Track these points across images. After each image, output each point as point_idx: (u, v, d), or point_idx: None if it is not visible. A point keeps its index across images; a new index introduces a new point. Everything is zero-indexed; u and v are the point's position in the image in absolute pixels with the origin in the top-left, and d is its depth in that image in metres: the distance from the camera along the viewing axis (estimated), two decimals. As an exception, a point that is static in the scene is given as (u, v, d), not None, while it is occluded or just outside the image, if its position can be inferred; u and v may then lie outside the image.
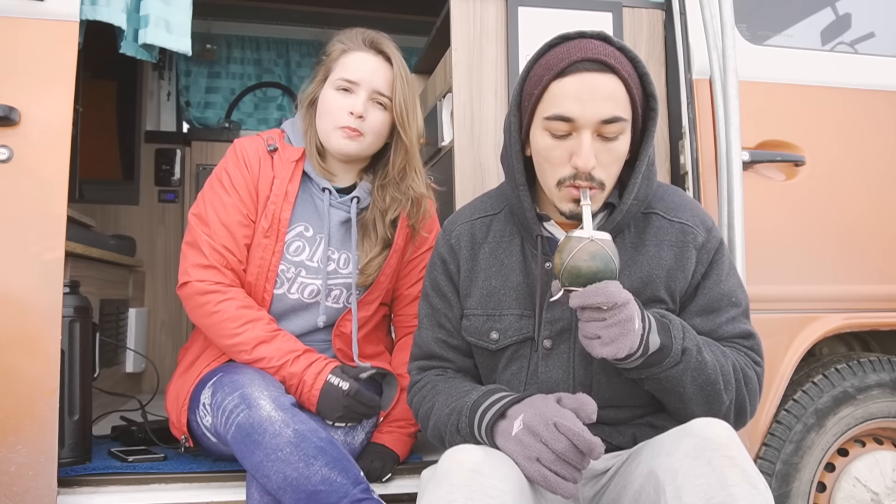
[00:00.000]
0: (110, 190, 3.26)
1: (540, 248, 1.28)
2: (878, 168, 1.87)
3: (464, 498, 0.99)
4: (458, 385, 1.31)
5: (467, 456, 1.06)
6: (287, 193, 1.55)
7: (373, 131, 1.55)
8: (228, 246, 1.52)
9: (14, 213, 1.42)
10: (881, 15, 2.12)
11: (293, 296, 1.58)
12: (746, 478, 0.98)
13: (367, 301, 1.64)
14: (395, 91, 1.55)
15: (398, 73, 1.55)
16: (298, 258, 1.58)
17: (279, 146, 1.59)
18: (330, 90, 1.55)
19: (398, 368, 1.66)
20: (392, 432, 1.61)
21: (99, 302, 2.23)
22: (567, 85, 1.19)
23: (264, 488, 1.32)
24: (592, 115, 1.18)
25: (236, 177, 1.55)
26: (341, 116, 1.52)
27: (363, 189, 1.62)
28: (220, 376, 1.47)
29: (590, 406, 1.10)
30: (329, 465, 1.29)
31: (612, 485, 1.21)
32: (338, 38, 1.60)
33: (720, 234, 1.32)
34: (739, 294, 1.29)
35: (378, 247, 1.60)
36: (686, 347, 1.16)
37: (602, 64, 1.18)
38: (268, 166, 1.57)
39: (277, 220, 1.54)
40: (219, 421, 1.39)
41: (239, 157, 1.57)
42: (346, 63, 1.55)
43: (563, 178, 1.21)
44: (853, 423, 1.79)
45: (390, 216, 1.60)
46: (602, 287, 1.06)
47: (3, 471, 1.38)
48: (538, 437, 1.08)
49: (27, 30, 1.46)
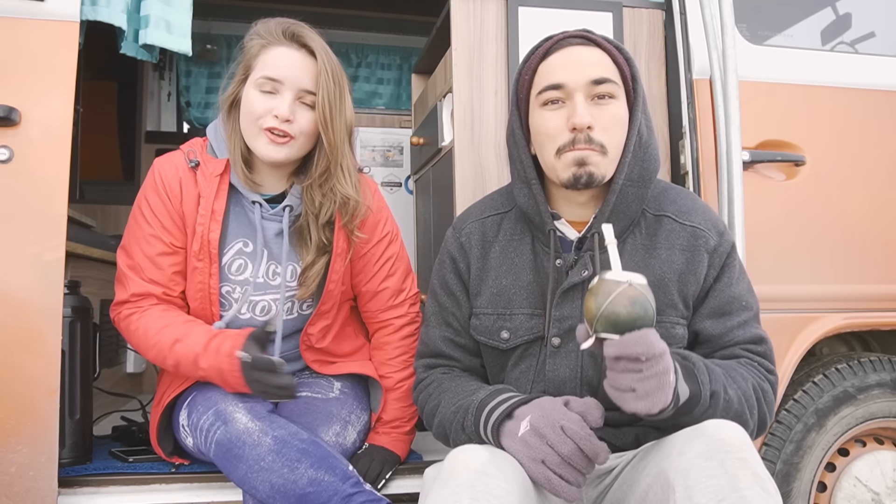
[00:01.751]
0: (111, 190, 3.27)
1: (553, 245, 1.28)
2: (879, 168, 1.87)
3: (468, 498, 0.99)
4: (465, 383, 1.31)
5: (473, 456, 1.06)
6: (214, 212, 1.44)
7: (302, 133, 1.44)
8: (155, 279, 1.45)
9: (14, 214, 1.42)
10: (881, 15, 2.12)
11: (244, 316, 1.51)
12: (759, 481, 0.97)
13: (322, 312, 1.56)
14: (319, 87, 1.42)
15: (322, 68, 1.43)
16: (242, 276, 1.49)
17: (201, 159, 1.47)
18: (252, 90, 1.43)
19: (379, 369, 1.63)
20: (388, 433, 1.61)
21: (99, 302, 2.23)
22: (553, 59, 1.26)
23: (255, 499, 1.31)
24: (581, 77, 1.22)
25: (155, 204, 1.45)
26: (265, 119, 1.40)
27: (294, 195, 1.51)
28: (194, 395, 1.45)
29: (597, 411, 1.10)
30: (314, 466, 1.28)
31: (616, 484, 1.21)
32: (255, 30, 1.47)
33: (732, 238, 1.31)
34: (750, 298, 1.29)
35: (313, 253, 1.49)
36: (714, 391, 1.12)
37: (585, 38, 1.25)
38: (190, 184, 1.46)
39: (207, 242, 1.44)
40: (199, 441, 1.38)
41: (157, 181, 1.46)
42: (267, 60, 1.43)
43: (562, 145, 1.23)
44: (854, 422, 1.79)
45: (322, 219, 1.49)
46: (642, 336, 0.99)
47: (4, 471, 1.38)
48: (544, 440, 1.08)
49: (27, 30, 1.46)
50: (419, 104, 2.41)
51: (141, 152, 3.33)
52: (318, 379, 1.62)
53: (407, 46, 3.83)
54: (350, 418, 1.55)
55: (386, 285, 1.63)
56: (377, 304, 1.64)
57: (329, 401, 1.55)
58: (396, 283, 1.63)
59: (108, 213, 3.20)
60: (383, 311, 1.65)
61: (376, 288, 1.62)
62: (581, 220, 1.31)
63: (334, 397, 1.57)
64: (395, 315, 1.64)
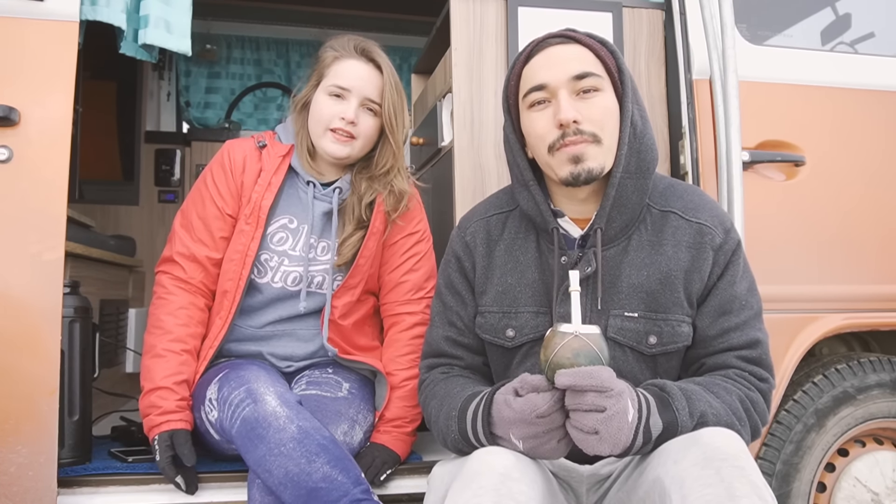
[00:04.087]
0: (110, 190, 3.26)
1: (557, 242, 1.28)
2: (879, 168, 1.87)
3: (491, 502, 0.99)
4: (451, 389, 1.31)
5: (498, 459, 1.07)
6: (270, 184, 1.61)
7: (363, 135, 1.61)
8: (203, 239, 1.61)
9: (14, 214, 1.42)
10: (881, 15, 2.12)
11: (276, 284, 1.63)
12: (755, 490, 0.97)
13: (349, 286, 1.64)
14: (384, 98, 1.60)
15: (388, 81, 1.61)
16: (281, 248, 1.63)
17: (269, 143, 1.66)
18: (322, 95, 1.60)
19: (387, 366, 1.66)
20: (389, 432, 1.61)
21: (99, 302, 2.22)
22: (535, 62, 1.27)
23: (265, 485, 1.32)
24: (562, 75, 1.23)
25: (218, 174, 1.63)
26: (333, 121, 1.58)
27: (345, 181, 1.67)
28: (227, 372, 1.50)
29: (531, 377, 1.10)
30: (331, 464, 1.30)
31: (613, 491, 1.21)
32: (329, 44, 1.66)
33: (738, 236, 1.31)
34: (751, 297, 1.28)
35: (352, 226, 1.63)
36: (702, 411, 1.13)
37: (565, 37, 1.26)
38: (254, 160, 1.64)
39: (258, 208, 1.59)
40: (225, 415, 1.40)
41: (224, 157, 1.65)
42: (338, 70, 1.60)
43: (552, 142, 1.23)
44: (853, 423, 1.79)
45: (366, 200, 1.64)
46: (595, 371, 1.01)
47: (3, 471, 1.38)
48: (539, 439, 1.09)
49: (27, 30, 1.46)
50: (419, 104, 2.41)
51: (140, 152, 3.32)
52: (328, 378, 1.64)
53: (407, 46, 3.82)
54: (357, 418, 1.57)
55: (408, 278, 1.69)
56: (396, 295, 1.70)
57: (338, 400, 1.57)
58: (419, 279, 1.69)
59: (108, 212, 3.20)
60: (400, 305, 1.69)
61: (398, 279, 1.69)
62: (583, 216, 1.31)
63: (342, 396, 1.59)
64: (410, 311, 1.69)
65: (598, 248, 1.25)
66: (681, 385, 1.17)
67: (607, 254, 1.28)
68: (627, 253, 1.28)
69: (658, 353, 1.26)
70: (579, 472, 1.28)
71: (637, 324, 1.25)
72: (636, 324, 1.25)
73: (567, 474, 1.29)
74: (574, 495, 1.29)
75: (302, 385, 1.62)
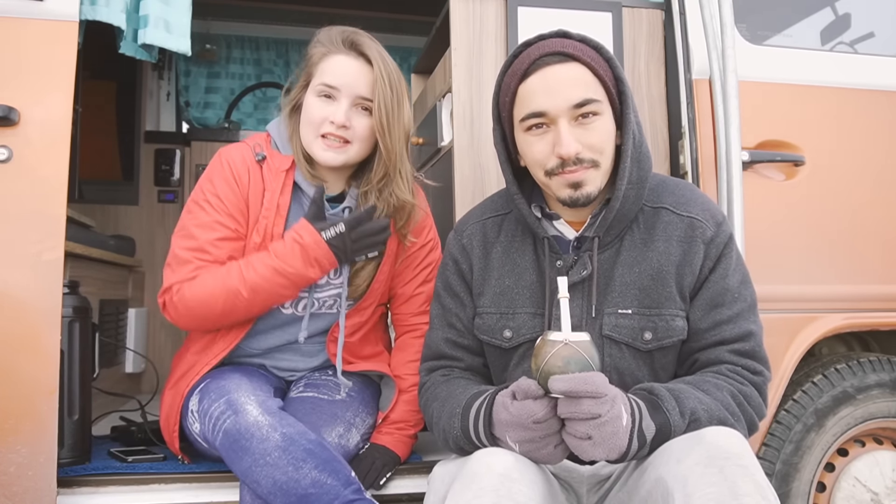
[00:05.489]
0: (110, 190, 3.26)
1: (547, 249, 1.29)
2: (878, 168, 1.87)
3: (491, 502, 1.00)
4: (453, 390, 1.31)
5: (498, 460, 1.07)
6: (279, 207, 1.50)
7: (359, 138, 1.49)
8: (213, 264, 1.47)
9: (14, 213, 1.42)
10: (881, 15, 2.12)
11: (287, 311, 1.56)
12: (759, 489, 0.97)
13: (361, 308, 1.60)
14: (376, 94, 1.46)
15: (378, 75, 1.46)
16: None
17: (267, 154, 1.53)
18: (312, 96, 1.49)
19: (396, 369, 1.64)
20: (391, 434, 1.60)
21: (99, 302, 2.22)
22: (532, 83, 1.23)
23: (255, 493, 1.31)
24: (563, 103, 1.20)
25: (223, 190, 1.48)
26: (323, 125, 1.46)
27: (353, 197, 1.56)
28: (207, 382, 1.46)
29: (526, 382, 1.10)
30: (319, 468, 1.28)
31: (615, 490, 1.21)
32: (318, 38, 1.53)
33: (730, 229, 1.31)
34: (744, 289, 1.28)
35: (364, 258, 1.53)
36: (693, 409, 1.13)
37: (561, 55, 1.21)
38: (257, 177, 1.50)
39: (270, 236, 1.48)
40: (206, 428, 1.38)
41: (227, 169, 1.49)
42: (326, 67, 1.48)
43: (550, 168, 1.23)
44: (853, 423, 1.79)
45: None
46: (589, 377, 1.02)
47: (3, 471, 1.38)
48: (535, 443, 1.09)
49: (27, 30, 1.45)
50: (418, 104, 2.41)
51: (140, 152, 3.32)
52: (327, 380, 1.62)
53: (406, 46, 3.82)
54: (354, 421, 1.56)
55: (422, 290, 1.64)
56: (410, 307, 1.66)
57: (335, 402, 1.56)
58: (432, 290, 1.61)
59: (108, 212, 3.20)
60: (414, 316, 1.66)
61: (412, 291, 1.65)
62: (579, 219, 1.31)
63: (340, 399, 1.57)
64: (424, 321, 1.62)
65: (595, 253, 1.26)
66: (669, 386, 1.17)
67: (602, 256, 1.28)
68: (620, 253, 1.29)
69: (654, 349, 1.26)
70: (580, 472, 1.29)
71: (631, 320, 1.25)
72: (630, 320, 1.25)
73: (567, 475, 1.29)
74: (575, 496, 1.29)
75: (300, 387, 1.61)
